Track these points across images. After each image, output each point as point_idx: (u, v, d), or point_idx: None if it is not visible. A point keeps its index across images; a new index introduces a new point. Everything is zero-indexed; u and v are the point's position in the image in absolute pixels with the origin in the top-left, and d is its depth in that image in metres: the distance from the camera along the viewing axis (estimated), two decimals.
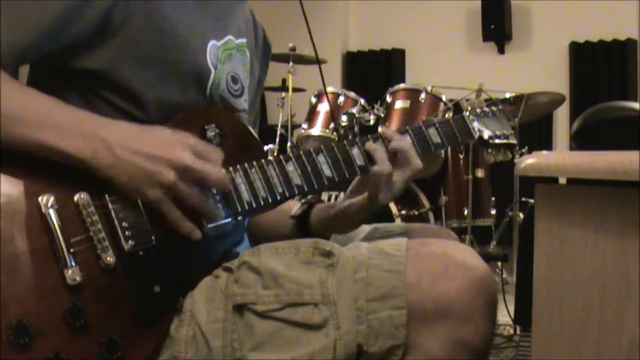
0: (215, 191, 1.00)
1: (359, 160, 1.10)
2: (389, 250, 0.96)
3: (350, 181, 1.17)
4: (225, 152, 1.01)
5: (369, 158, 1.10)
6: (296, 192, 1.06)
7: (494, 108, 1.28)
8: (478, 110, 1.26)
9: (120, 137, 0.93)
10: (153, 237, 0.96)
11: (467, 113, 1.24)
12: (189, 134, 0.97)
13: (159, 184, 0.92)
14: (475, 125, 1.24)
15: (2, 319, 0.84)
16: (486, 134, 1.25)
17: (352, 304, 0.92)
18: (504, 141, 1.28)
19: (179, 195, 0.94)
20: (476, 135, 1.23)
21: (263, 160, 1.05)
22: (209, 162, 0.96)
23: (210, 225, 0.99)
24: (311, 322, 0.91)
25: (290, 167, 1.06)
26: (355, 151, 1.10)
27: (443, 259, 0.94)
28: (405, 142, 1.12)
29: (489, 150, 1.29)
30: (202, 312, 0.96)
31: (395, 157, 1.11)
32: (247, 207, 1.03)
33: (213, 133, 1.05)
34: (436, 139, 1.17)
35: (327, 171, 1.08)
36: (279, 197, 1.05)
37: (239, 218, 1.03)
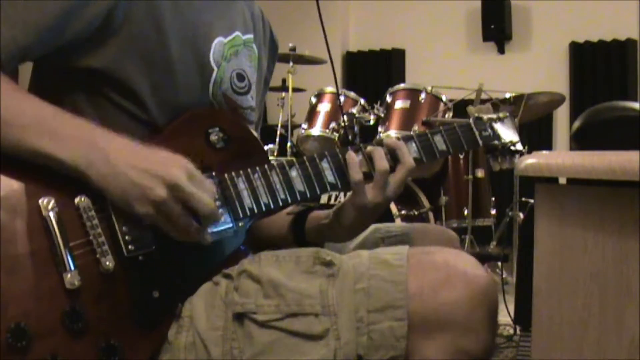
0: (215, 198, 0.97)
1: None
2: (390, 259, 0.95)
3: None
4: (229, 156, 1.00)
5: (370, 161, 1.08)
6: (299, 198, 1.05)
7: (500, 114, 1.25)
8: (485, 117, 1.23)
9: (117, 148, 0.92)
10: (153, 242, 0.95)
11: (473, 120, 1.21)
12: (186, 159, 0.95)
13: (149, 200, 0.91)
14: (482, 132, 1.21)
15: (1, 321, 0.84)
16: (492, 142, 1.22)
17: (353, 315, 0.91)
18: (511, 148, 1.25)
19: (166, 214, 0.92)
20: (481, 143, 1.20)
21: (266, 166, 1.04)
22: (202, 189, 0.94)
23: (211, 231, 0.99)
24: (311, 333, 0.91)
25: (293, 173, 1.05)
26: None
27: (445, 269, 0.93)
28: (396, 142, 1.10)
29: (495, 157, 1.27)
30: (202, 318, 0.95)
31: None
32: (248, 213, 1.02)
33: (217, 136, 1.04)
34: (442, 146, 1.15)
35: (330, 177, 1.07)
36: (281, 203, 1.04)
37: (240, 224, 1.02)
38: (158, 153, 0.94)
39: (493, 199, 3.70)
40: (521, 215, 3.41)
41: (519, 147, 1.26)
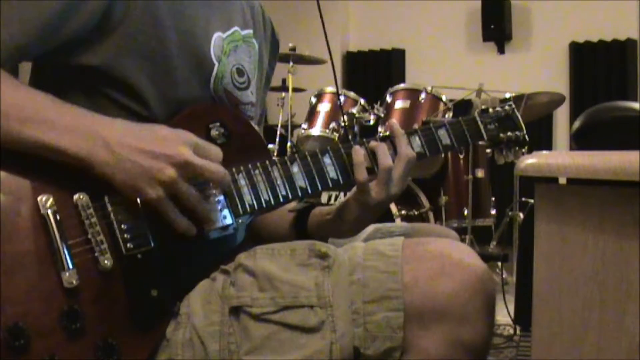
0: (215, 193, 0.98)
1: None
2: (385, 250, 0.95)
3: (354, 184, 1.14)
4: (230, 152, 1.00)
5: (374, 157, 1.08)
6: (300, 194, 1.04)
7: (507, 107, 1.24)
8: (490, 109, 1.22)
9: (118, 134, 0.91)
10: (151, 240, 0.95)
11: (479, 113, 1.20)
12: (187, 131, 0.95)
13: (159, 181, 0.90)
14: (487, 125, 1.19)
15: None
16: (498, 135, 1.21)
17: (349, 306, 0.91)
18: (518, 140, 1.24)
19: (177, 194, 0.93)
20: (486, 136, 1.19)
21: (267, 161, 1.03)
22: (209, 159, 0.95)
23: (211, 229, 0.98)
24: (307, 325, 0.91)
25: (295, 169, 1.04)
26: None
27: (440, 259, 0.93)
28: (399, 130, 1.09)
29: (500, 151, 1.25)
30: (199, 314, 0.95)
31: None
32: (248, 210, 1.01)
33: (217, 132, 1.04)
34: (446, 140, 1.14)
35: (332, 173, 1.06)
36: (281, 200, 1.03)
37: (240, 221, 1.02)
38: (159, 131, 0.94)
39: (493, 199, 3.70)
40: (521, 215, 3.41)
41: (526, 138, 1.25)
